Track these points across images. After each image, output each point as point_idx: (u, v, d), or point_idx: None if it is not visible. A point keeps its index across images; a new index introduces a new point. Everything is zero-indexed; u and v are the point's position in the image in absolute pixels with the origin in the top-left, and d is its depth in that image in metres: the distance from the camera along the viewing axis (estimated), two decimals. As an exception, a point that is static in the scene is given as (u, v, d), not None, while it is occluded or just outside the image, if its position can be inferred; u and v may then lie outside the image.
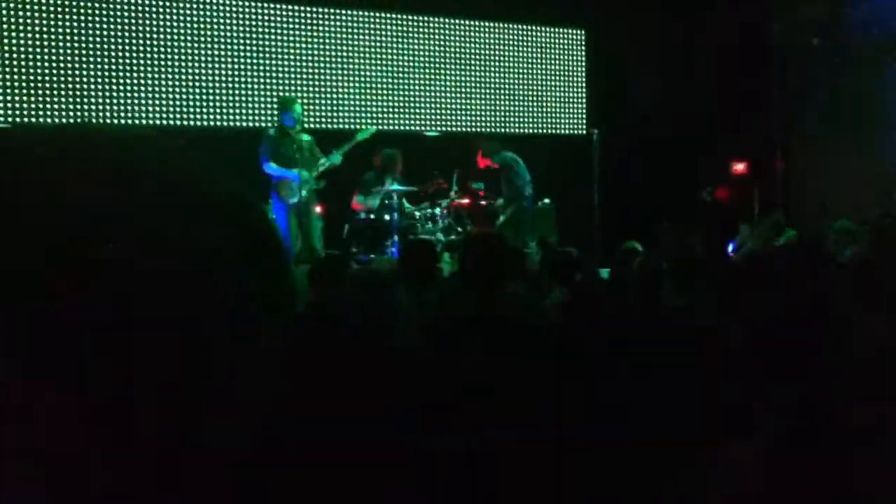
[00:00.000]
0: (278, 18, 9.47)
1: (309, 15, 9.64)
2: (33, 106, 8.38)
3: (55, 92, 8.46)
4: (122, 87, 8.73)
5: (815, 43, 10.14)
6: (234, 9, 9.22)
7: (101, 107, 8.65)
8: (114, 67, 8.69)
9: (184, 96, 8.99)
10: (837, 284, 3.77)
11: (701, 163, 10.52)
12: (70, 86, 8.52)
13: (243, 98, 9.26)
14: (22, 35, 8.29)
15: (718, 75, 10.63)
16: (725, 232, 9.03)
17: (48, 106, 8.44)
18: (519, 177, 9.05)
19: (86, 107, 8.58)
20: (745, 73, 10.66)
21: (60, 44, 8.46)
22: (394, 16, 10.09)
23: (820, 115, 10.54)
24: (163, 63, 8.89)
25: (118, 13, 8.71)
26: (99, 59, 8.61)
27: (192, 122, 9.01)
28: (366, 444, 2.07)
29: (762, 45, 10.83)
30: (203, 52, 9.07)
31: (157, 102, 8.89)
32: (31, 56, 8.32)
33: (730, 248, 8.65)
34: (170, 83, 8.93)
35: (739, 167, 10.88)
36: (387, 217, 8.52)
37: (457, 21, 10.48)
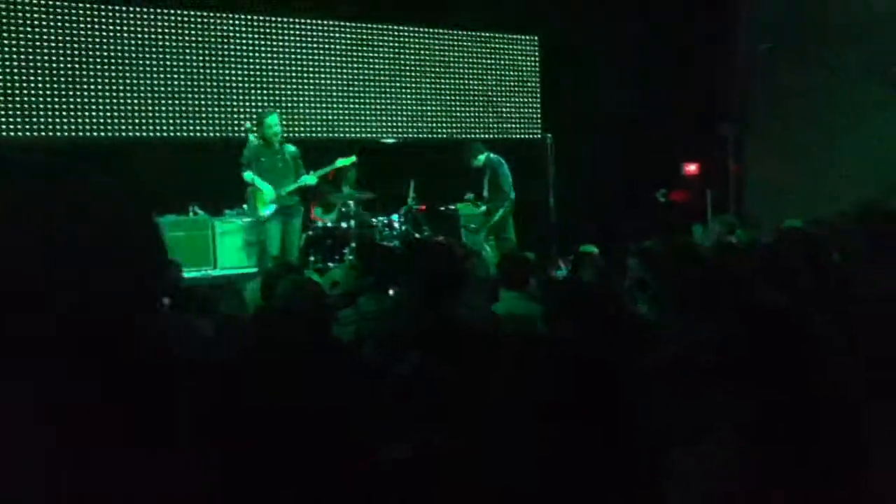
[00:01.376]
0: (232, 27, 9.42)
1: (263, 24, 9.60)
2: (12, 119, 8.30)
3: (31, 104, 8.41)
4: (100, 99, 8.69)
5: (766, 44, 10.30)
6: (192, 21, 9.16)
7: (80, 118, 8.58)
8: (94, 78, 8.66)
9: (159, 107, 8.96)
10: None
11: (655, 165, 10.64)
12: (48, 98, 8.48)
13: (201, 108, 9.23)
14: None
15: (671, 78, 10.76)
16: (680, 233, 9.12)
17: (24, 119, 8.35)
18: (505, 179, 9.01)
19: (63, 119, 8.51)
20: (698, 75, 10.80)
21: (39, 55, 8.40)
22: (348, 24, 10.10)
23: (772, 117, 10.72)
24: (138, 74, 8.88)
25: (102, 25, 8.68)
26: (79, 71, 8.58)
27: (168, 133, 9.02)
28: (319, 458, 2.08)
29: (714, 47, 10.99)
30: (172, 63, 9.03)
31: (133, 113, 8.85)
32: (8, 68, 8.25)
33: None
34: (146, 94, 8.92)
35: (692, 168, 11.02)
36: (343, 225, 8.53)
37: (411, 28, 10.51)
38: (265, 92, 9.57)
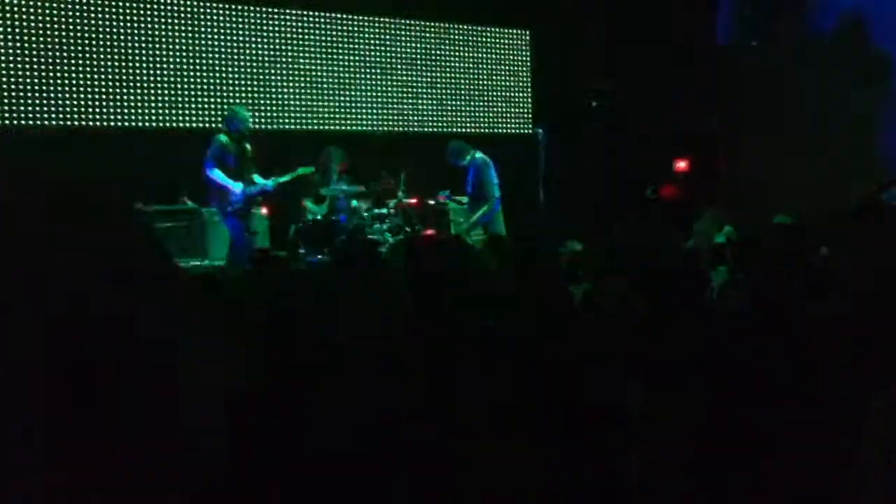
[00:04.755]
0: (223, 17, 9.38)
1: (254, 15, 9.57)
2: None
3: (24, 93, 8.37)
4: (65, 88, 8.61)
5: (754, 43, 10.32)
6: (178, 8, 9.11)
7: (38, 107, 8.51)
8: (83, 68, 8.63)
9: (127, 97, 8.89)
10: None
11: (645, 161, 10.64)
12: (40, 86, 8.45)
13: (187, 99, 9.19)
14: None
15: (661, 74, 10.76)
16: (671, 228, 9.11)
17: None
18: (488, 180, 8.94)
19: (23, 107, 8.44)
20: (689, 71, 10.80)
21: (28, 43, 8.37)
22: (340, 16, 10.07)
23: (762, 113, 10.73)
24: (104, 63, 8.79)
25: (66, 12, 8.59)
26: (43, 58, 8.50)
27: (136, 124, 8.94)
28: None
29: (704, 44, 10.99)
30: (146, 52, 8.98)
31: (99, 103, 8.78)
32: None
33: None
34: (136, 84, 8.89)
35: (682, 165, 11.02)
36: (334, 217, 8.50)
37: (402, 21, 10.49)
38: (254, 83, 9.54)
